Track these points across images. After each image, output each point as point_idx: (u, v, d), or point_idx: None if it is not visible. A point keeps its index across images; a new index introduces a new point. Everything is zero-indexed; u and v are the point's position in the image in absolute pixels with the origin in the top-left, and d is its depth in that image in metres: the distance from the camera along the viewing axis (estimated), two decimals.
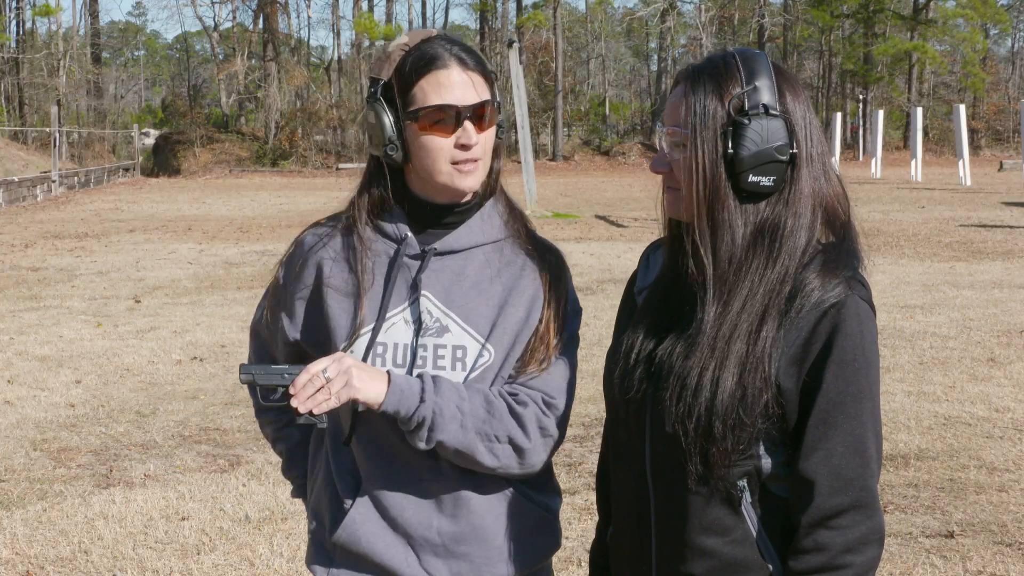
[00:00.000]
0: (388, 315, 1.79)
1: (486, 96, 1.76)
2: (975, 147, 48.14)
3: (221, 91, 52.85)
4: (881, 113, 35.87)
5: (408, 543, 1.81)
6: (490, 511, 1.81)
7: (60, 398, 6.98)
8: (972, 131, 45.65)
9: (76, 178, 33.98)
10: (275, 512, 4.85)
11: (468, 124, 1.74)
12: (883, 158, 38.41)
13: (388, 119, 1.76)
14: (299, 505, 4.92)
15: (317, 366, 1.65)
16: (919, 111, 34.54)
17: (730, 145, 1.55)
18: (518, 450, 1.75)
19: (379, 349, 1.78)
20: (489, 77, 1.78)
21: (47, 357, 8.27)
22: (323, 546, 1.88)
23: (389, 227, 1.83)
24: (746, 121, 1.55)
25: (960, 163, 30.99)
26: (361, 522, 1.82)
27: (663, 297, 1.69)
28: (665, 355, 1.60)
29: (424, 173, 1.78)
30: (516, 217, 1.87)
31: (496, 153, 1.84)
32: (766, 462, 1.58)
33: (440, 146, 1.74)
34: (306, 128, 46.15)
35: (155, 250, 16.04)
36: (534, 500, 1.85)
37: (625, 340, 1.70)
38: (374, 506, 1.82)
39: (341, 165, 43.62)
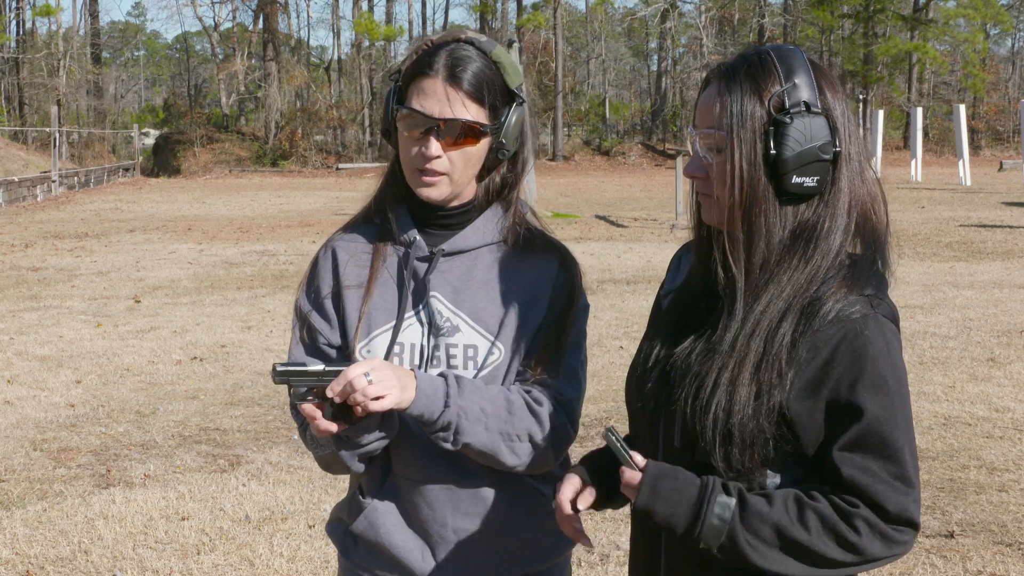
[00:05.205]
0: (405, 315, 1.82)
1: (466, 116, 1.74)
2: (975, 147, 48.13)
3: (221, 91, 52.84)
4: (881, 113, 35.87)
5: (425, 540, 1.85)
6: (506, 509, 1.84)
7: (60, 398, 6.98)
8: (972, 131, 45.67)
9: (76, 178, 33.97)
10: (275, 512, 4.85)
11: (432, 137, 1.74)
12: (883, 158, 38.41)
13: (390, 108, 1.80)
14: (299, 505, 4.92)
15: (356, 369, 1.61)
16: (919, 111, 34.54)
17: (772, 145, 1.48)
18: (536, 448, 1.78)
19: (396, 348, 1.82)
20: (483, 101, 1.76)
21: (47, 357, 8.27)
22: (346, 532, 1.93)
23: (397, 229, 1.85)
24: (788, 120, 1.48)
25: (960, 163, 31.00)
26: (383, 513, 1.86)
27: (688, 302, 1.64)
28: (683, 357, 1.56)
29: (403, 170, 1.83)
30: (519, 222, 1.88)
31: (495, 168, 1.84)
32: (779, 479, 1.52)
33: (407, 146, 1.78)
34: (306, 128, 46.15)
35: (155, 250, 16.04)
36: (549, 497, 1.87)
37: (644, 345, 1.67)
38: (396, 501, 1.85)
39: (341, 165, 43.61)
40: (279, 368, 1.62)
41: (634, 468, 1.53)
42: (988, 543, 4.38)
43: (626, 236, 17.64)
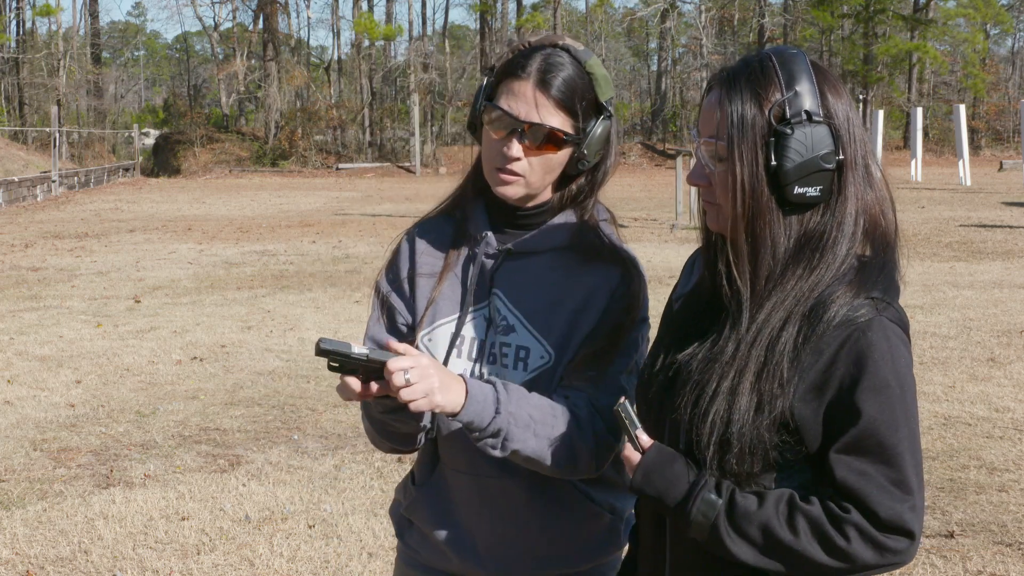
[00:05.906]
0: (469, 309, 1.85)
1: (551, 123, 1.75)
2: (975, 147, 48.13)
3: (221, 91, 52.86)
4: (881, 113, 35.87)
5: (469, 531, 1.88)
6: (551, 506, 1.85)
7: (60, 398, 6.98)
8: (972, 131, 45.67)
9: (76, 178, 33.97)
10: (275, 512, 4.85)
11: (515, 139, 1.76)
12: (883, 158, 38.41)
13: (479, 102, 1.83)
14: (299, 505, 4.93)
15: (398, 364, 1.58)
16: (919, 111, 34.55)
17: (773, 156, 1.47)
18: (580, 454, 1.78)
19: (456, 341, 1.85)
20: (570, 110, 1.77)
21: (47, 357, 8.27)
22: (402, 514, 1.99)
23: (472, 225, 1.89)
24: (789, 131, 1.46)
25: (960, 163, 31.00)
26: (430, 501, 1.90)
27: (696, 307, 1.64)
28: (684, 363, 1.56)
29: (483, 165, 1.86)
30: (591, 229, 1.88)
31: (574, 178, 1.85)
32: (785, 483, 1.51)
33: (490, 143, 1.80)
34: (306, 128, 46.13)
35: (155, 250, 16.04)
36: (597, 501, 1.89)
37: (652, 348, 1.67)
38: (443, 490, 1.89)
39: (341, 165, 43.61)
40: (323, 346, 1.57)
41: (637, 447, 1.55)
42: (988, 543, 4.38)
43: (626, 236, 17.25)
